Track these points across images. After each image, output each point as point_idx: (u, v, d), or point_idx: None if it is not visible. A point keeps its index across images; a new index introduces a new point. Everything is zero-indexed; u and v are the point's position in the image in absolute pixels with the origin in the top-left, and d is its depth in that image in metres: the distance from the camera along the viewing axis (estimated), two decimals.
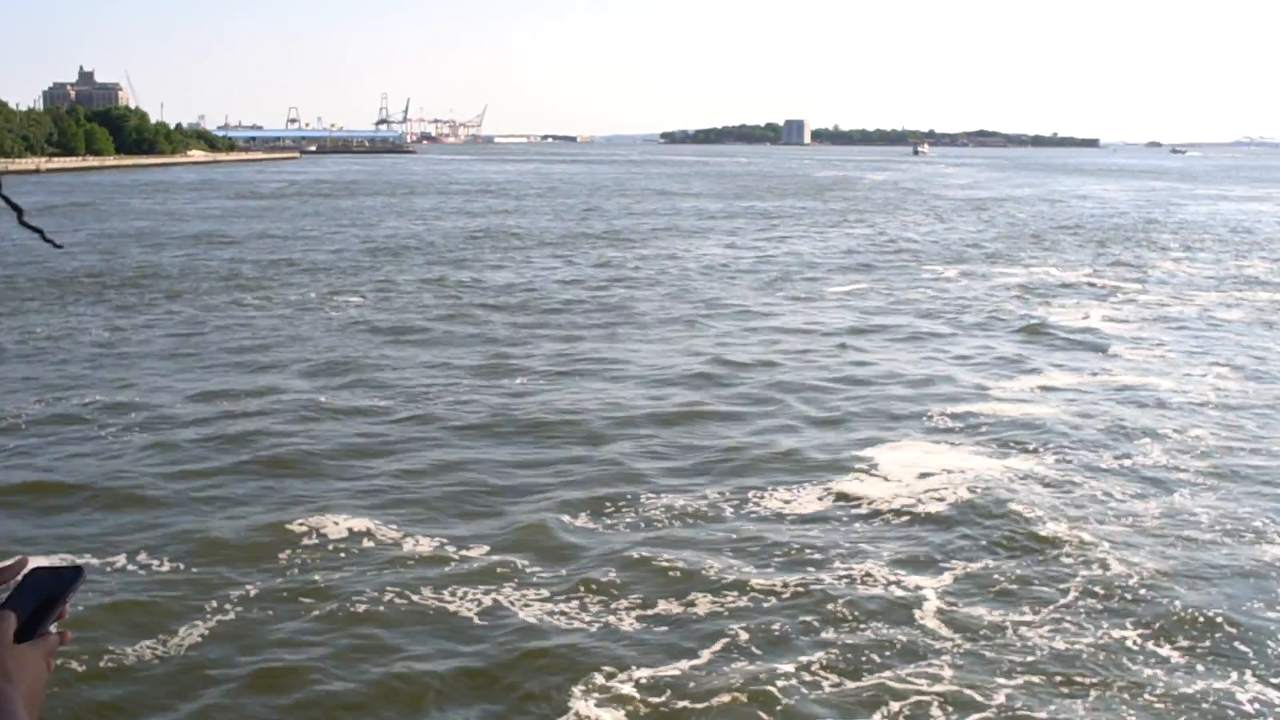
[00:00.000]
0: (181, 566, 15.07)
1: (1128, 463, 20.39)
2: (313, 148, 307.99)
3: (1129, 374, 28.41)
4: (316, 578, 14.72)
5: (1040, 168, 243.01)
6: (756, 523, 17.10)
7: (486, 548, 15.91)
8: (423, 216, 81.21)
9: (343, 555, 15.58)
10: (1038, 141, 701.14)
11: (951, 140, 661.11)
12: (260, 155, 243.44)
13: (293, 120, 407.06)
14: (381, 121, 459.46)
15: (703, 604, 14.10)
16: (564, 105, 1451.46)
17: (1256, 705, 11.79)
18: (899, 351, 31.32)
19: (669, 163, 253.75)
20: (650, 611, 13.87)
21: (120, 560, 15.25)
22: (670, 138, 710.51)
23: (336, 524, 16.67)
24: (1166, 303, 41.62)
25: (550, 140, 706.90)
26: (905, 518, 17.29)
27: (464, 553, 15.71)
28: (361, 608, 13.79)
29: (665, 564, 15.30)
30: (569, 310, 37.40)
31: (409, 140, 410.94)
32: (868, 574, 15.04)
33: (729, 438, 21.77)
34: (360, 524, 16.65)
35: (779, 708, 11.52)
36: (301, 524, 16.60)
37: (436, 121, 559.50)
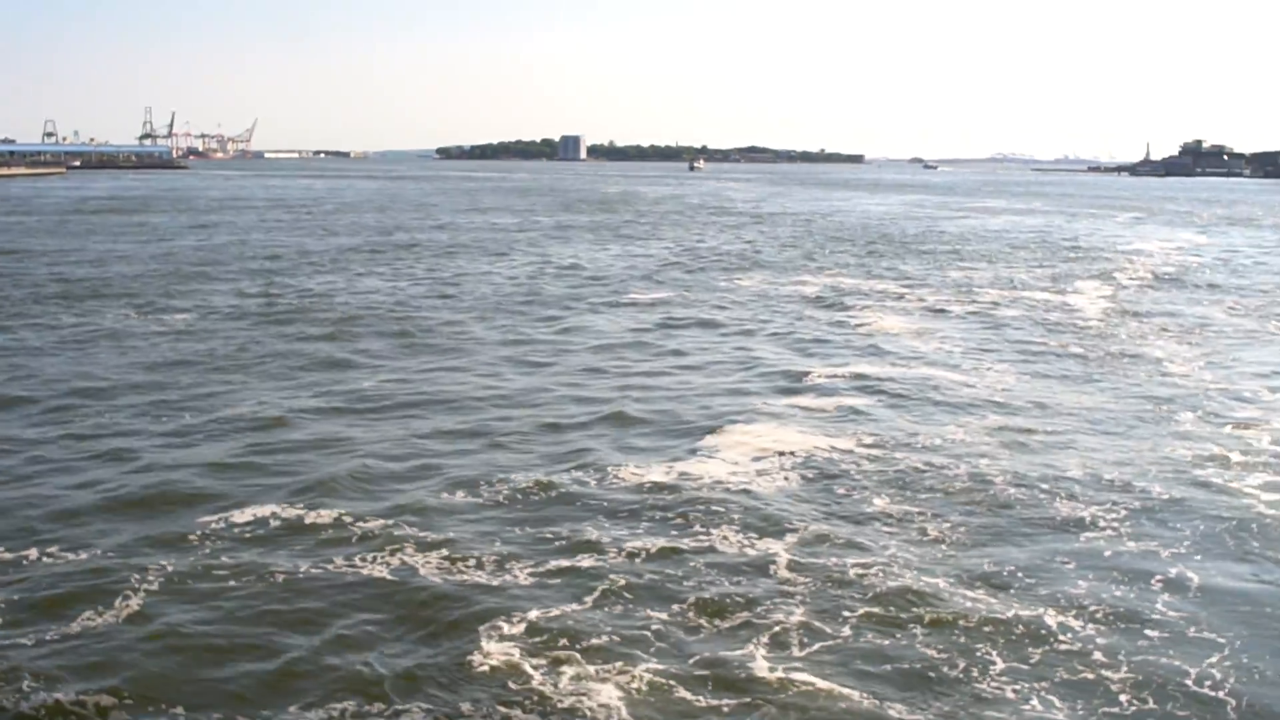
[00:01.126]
0: (85, 556, 16.00)
1: (932, 439, 23.11)
2: (76, 163, 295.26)
3: (922, 365, 31.52)
4: (226, 559, 15.95)
5: (816, 183, 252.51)
6: (621, 494, 19.02)
7: (384, 521, 17.39)
8: (243, 231, 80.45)
9: (248, 536, 16.81)
10: (806, 157, 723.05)
11: (724, 156, 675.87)
12: (23, 170, 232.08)
13: (49, 134, 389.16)
14: (146, 136, 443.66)
15: (585, 561, 15.90)
16: (335, 121, 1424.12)
17: (1051, 630, 14.29)
18: (717, 348, 33.77)
19: (451, 178, 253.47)
20: (539, 569, 15.58)
21: (32, 553, 16.09)
22: (446, 154, 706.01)
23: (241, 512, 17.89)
24: (948, 302, 45.44)
25: (323, 156, 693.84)
26: (746, 490, 19.40)
27: (363, 525, 17.14)
28: (279, 578, 15.13)
29: (548, 532, 17.07)
30: (400, 321, 38.59)
31: (175, 155, 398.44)
32: (724, 536, 17.06)
33: (581, 425, 23.69)
34: (264, 510, 17.88)
35: (653, 648, 13.29)
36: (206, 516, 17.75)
37: (204, 136, 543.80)
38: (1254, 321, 42.76)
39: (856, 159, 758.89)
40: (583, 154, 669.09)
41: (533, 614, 14.01)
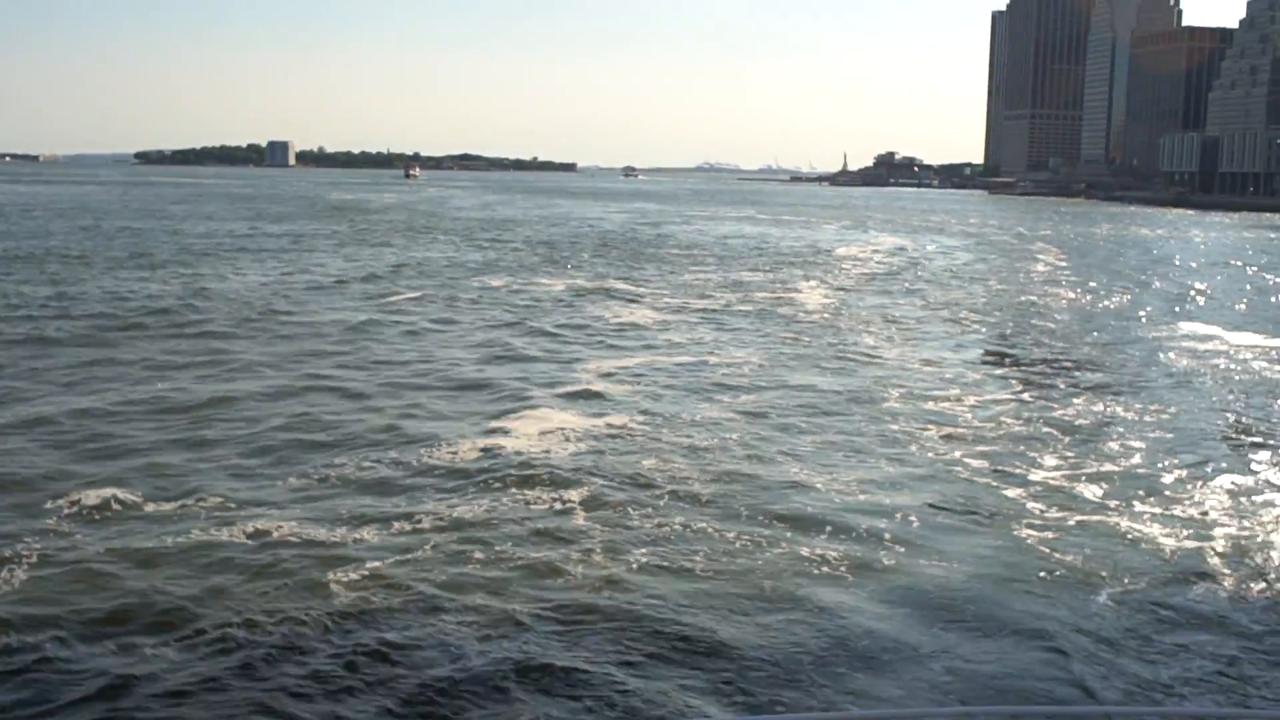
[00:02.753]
0: None
1: (689, 415, 27.03)
2: None
3: (676, 354, 35.62)
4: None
5: (536, 191, 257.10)
6: (432, 473, 22.00)
7: (221, 499, 19.82)
8: None
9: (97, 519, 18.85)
10: (519, 165, 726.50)
11: (438, 164, 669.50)
12: None
13: None
14: None
15: (398, 525, 18.55)
16: (20, 121, 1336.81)
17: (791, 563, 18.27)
18: (490, 343, 36.97)
19: (161, 184, 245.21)
20: (367, 532, 18.15)
21: None
22: (146, 158, 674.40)
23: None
24: (689, 300, 50.00)
25: (8, 159, 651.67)
26: (539, 460, 22.59)
27: (202, 505, 19.45)
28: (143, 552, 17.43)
29: (384, 500, 19.92)
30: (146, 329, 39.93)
31: None
32: (525, 498, 20.17)
33: (377, 416, 26.54)
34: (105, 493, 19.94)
35: (466, 585, 16.09)
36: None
37: None
38: (941, 312, 49.12)
39: (569, 167, 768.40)
40: (291, 160, 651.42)
41: (374, 564, 16.55)
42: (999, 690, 13.17)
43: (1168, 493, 21.27)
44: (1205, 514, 20.00)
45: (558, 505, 19.64)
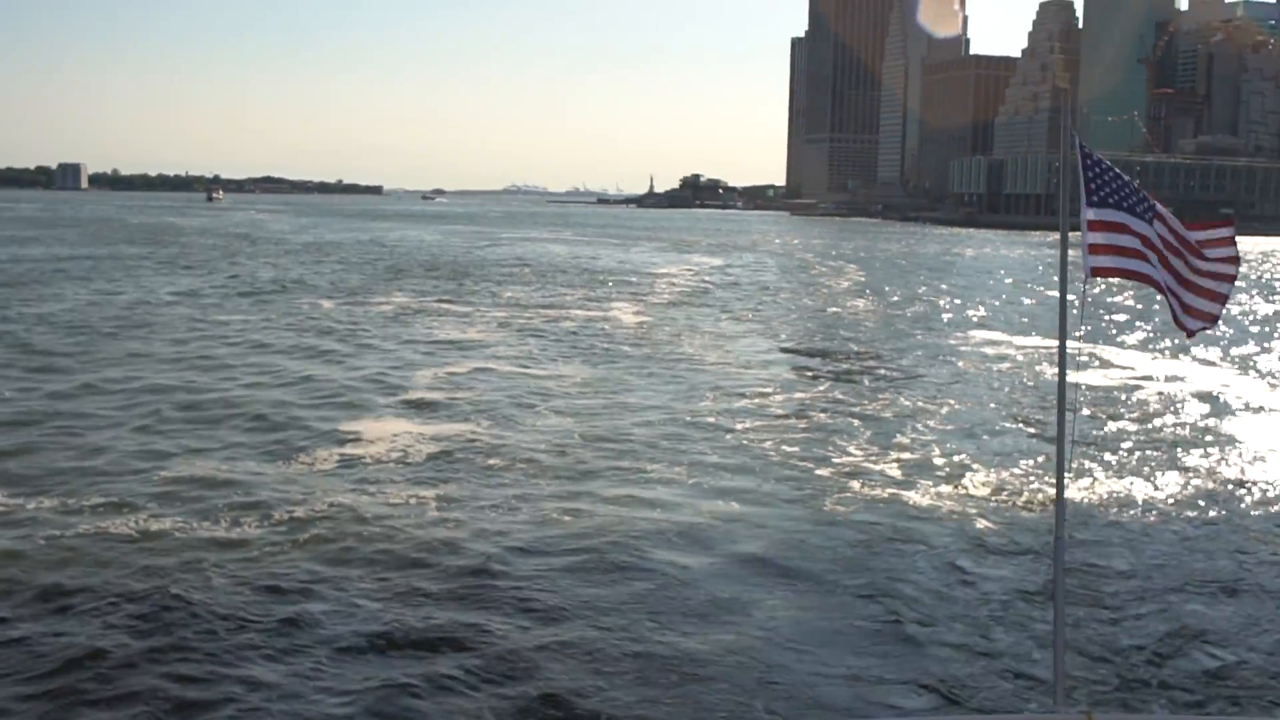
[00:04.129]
0: None
1: (521, 420, 29.28)
2: None
3: (506, 365, 37.80)
4: None
5: (346, 214, 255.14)
6: (293, 473, 23.73)
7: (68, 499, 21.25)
8: None
9: None
10: (324, 188, 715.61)
11: (239, 186, 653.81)
12: None
13: None
14: None
15: (262, 523, 20.31)
16: None
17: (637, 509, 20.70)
18: (327, 359, 38.48)
19: None
20: (235, 529, 19.85)
21: None
22: None
23: None
24: (513, 317, 52.16)
25: None
26: (391, 461, 24.48)
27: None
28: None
29: (248, 500, 21.58)
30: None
31: None
32: (378, 492, 22.13)
33: (237, 421, 28.04)
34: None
35: (337, 558, 18.22)
36: None
37: None
38: (752, 324, 52.50)
39: (376, 190, 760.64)
40: (84, 183, 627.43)
41: (252, 553, 18.31)
42: (818, 632, 15.64)
43: (952, 471, 24.42)
44: (983, 488, 23.16)
45: (413, 500, 21.44)
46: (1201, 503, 22.54)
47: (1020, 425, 29.90)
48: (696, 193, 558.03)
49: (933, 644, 14.93)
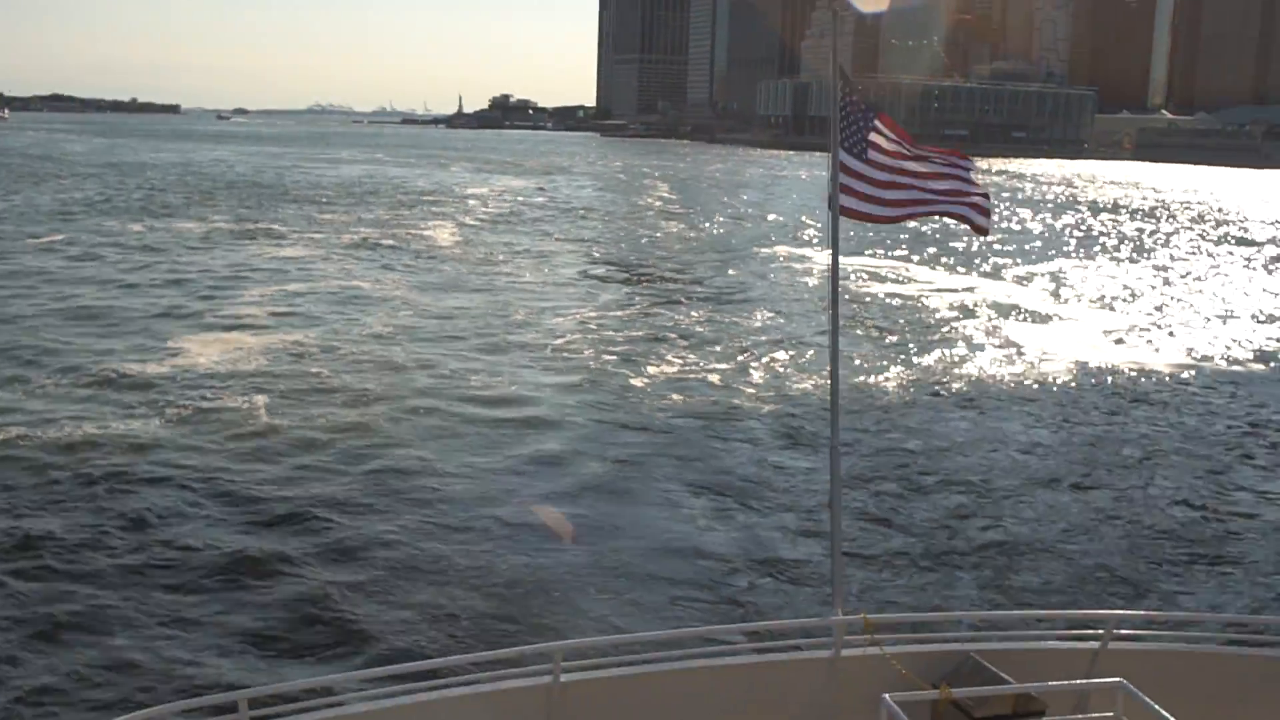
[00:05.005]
0: None
1: (359, 330, 30.95)
2: None
3: (335, 281, 39.17)
4: None
5: (152, 135, 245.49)
6: (144, 379, 25.00)
7: None
8: None
9: None
10: (118, 107, 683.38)
11: (25, 105, 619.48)
12: None
13: None
14: None
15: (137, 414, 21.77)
16: None
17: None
18: (159, 275, 39.17)
19: None
20: (96, 426, 21.28)
21: None
22: None
23: None
24: (331, 236, 53.08)
25: None
26: (222, 373, 25.93)
27: None
28: None
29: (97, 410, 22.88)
30: None
31: None
32: (219, 404, 23.61)
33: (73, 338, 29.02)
34: None
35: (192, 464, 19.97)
36: None
37: None
38: (565, 244, 54.65)
39: (173, 109, 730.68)
40: None
41: (119, 459, 19.68)
42: (615, 529, 18.00)
43: (763, 375, 27.16)
44: (798, 389, 25.93)
45: (246, 406, 22.99)
46: (966, 399, 25.80)
47: (820, 335, 32.81)
48: (506, 113, 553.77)
49: (717, 558, 15.85)
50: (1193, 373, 29.74)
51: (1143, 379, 28.69)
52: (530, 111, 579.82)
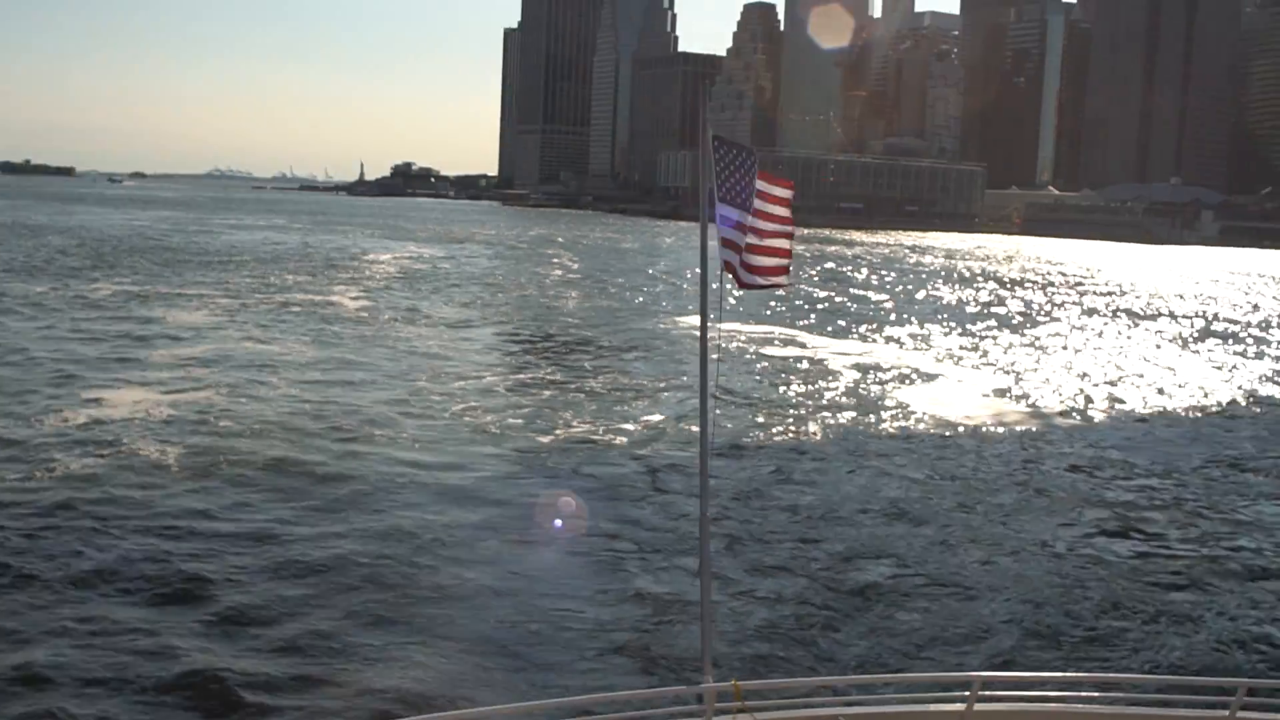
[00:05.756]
0: None
1: (258, 392, 31.44)
2: None
3: (238, 343, 39.58)
4: None
5: (49, 198, 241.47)
6: (59, 433, 25.35)
7: None
8: None
9: None
10: (9, 169, 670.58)
11: None
12: None
13: None
14: None
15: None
16: None
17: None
18: (56, 336, 39.23)
19: None
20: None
21: None
22: None
23: None
24: (243, 300, 53.33)
25: None
26: (134, 427, 26.39)
27: None
28: None
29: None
30: None
31: None
32: (130, 453, 24.12)
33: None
34: None
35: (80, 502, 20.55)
36: None
37: None
38: (469, 310, 55.52)
39: (67, 171, 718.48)
40: None
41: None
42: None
43: (642, 437, 28.24)
44: (676, 455, 26.97)
45: (157, 456, 23.62)
46: (840, 458, 27.09)
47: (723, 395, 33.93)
48: (408, 181, 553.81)
49: (586, 624, 16.21)
50: (1058, 426, 31.54)
51: (1010, 434, 30.45)
52: (433, 180, 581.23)
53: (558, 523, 20.89)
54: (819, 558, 19.52)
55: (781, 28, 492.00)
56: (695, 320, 48.99)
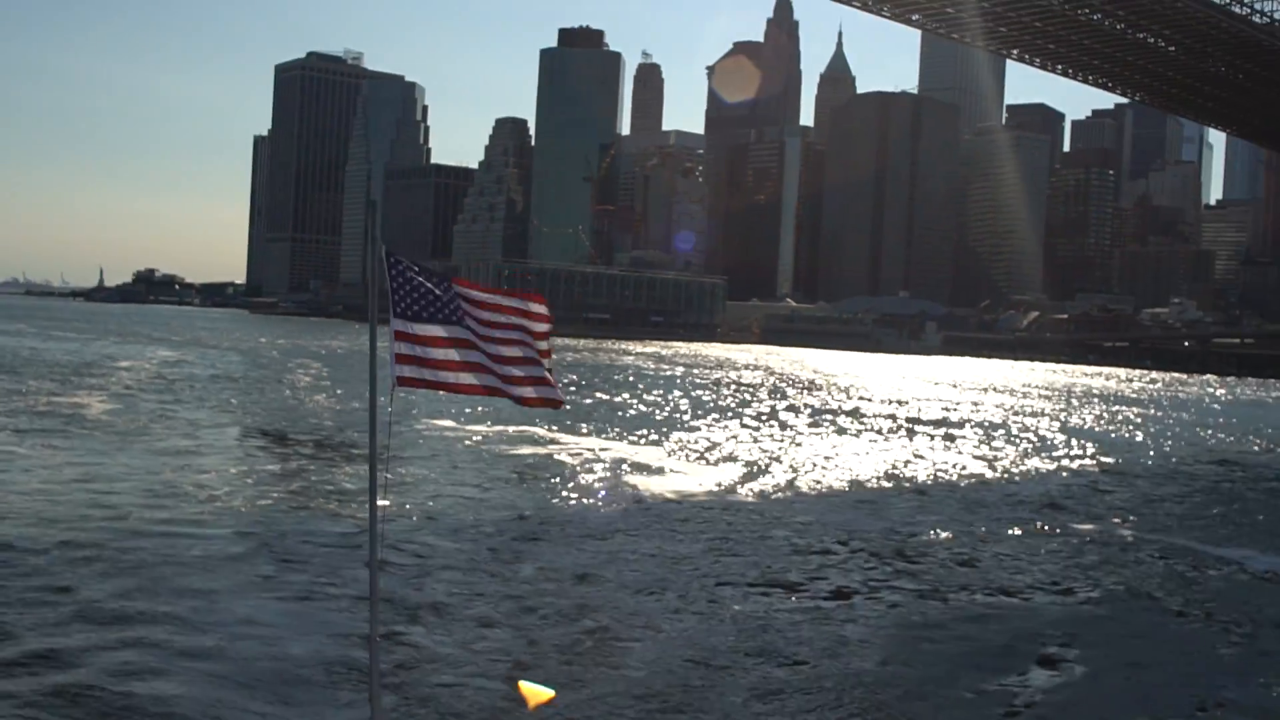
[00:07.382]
0: None
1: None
2: None
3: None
4: None
5: None
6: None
7: None
8: None
9: None
10: None
11: None
12: None
13: None
14: None
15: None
16: None
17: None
18: None
19: None
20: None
21: None
22: None
23: None
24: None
25: None
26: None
27: None
28: None
29: None
30: None
31: None
32: None
33: None
34: None
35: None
36: None
37: None
38: (222, 414, 56.88)
39: None
40: None
41: None
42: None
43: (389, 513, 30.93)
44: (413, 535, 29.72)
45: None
46: (566, 539, 30.38)
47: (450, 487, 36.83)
48: (151, 288, 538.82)
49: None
50: (753, 504, 35.61)
51: (708, 513, 34.18)
52: (177, 287, 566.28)
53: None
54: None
55: (533, 142, 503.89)
56: (444, 423, 51.71)
